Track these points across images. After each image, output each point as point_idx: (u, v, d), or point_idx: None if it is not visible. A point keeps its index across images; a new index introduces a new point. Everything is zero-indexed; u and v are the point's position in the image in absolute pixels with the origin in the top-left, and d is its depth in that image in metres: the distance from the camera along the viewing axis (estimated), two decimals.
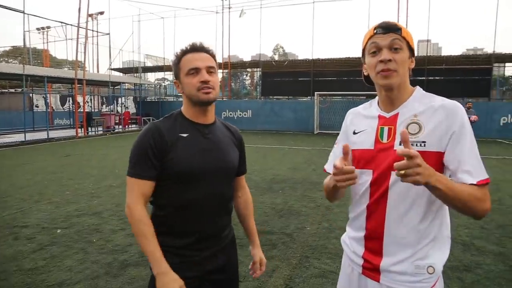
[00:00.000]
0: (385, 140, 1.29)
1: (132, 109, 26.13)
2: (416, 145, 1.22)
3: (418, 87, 1.35)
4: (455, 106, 1.24)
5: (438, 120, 1.22)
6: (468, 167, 1.18)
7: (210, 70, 1.49)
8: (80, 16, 17.92)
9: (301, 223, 4.91)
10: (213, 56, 1.54)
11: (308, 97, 22.19)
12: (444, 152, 1.22)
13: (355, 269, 1.39)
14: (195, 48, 1.50)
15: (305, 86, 22.23)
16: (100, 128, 20.12)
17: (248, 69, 39.52)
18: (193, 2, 39.77)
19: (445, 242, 1.31)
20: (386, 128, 1.30)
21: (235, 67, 28.29)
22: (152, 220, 1.50)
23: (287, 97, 24.82)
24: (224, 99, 26.31)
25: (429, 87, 20.21)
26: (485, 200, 1.17)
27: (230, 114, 22.14)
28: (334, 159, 1.44)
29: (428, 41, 24.01)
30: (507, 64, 24.34)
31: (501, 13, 19.57)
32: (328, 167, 1.49)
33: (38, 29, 29.68)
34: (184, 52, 1.51)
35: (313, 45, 37.39)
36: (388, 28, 1.26)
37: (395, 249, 1.28)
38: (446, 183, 1.11)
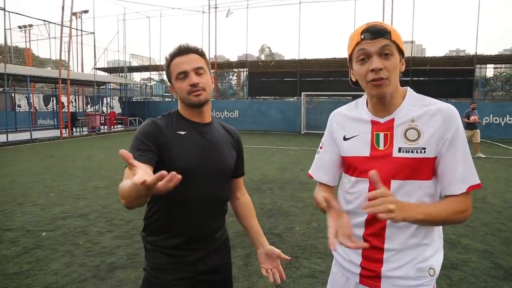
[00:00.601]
0: (381, 147, 1.24)
1: (117, 109, 25.82)
2: (417, 152, 1.18)
3: (409, 88, 1.30)
4: (452, 111, 1.20)
5: (436, 125, 1.19)
6: (462, 174, 1.17)
7: (198, 72, 1.47)
8: (64, 14, 17.65)
9: (290, 223, 4.92)
10: (202, 55, 1.51)
11: (295, 97, 22.28)
12: (436, 157, 1.20)
13: (351, 279, 1.33)
14: (182, 51, 1.48)
15: (292, 86, 22.31)
16: (85, 129, 19.83)
17: (235, 69, 39.48)
18: (179, 2, 39.55)
19: (441, 244, 1.31)
20: (382, 134, 1.24)
21: (221, 67, 28.21)
22: (145, 219, 1.49)
23: (274, 97, 24.87)
24: (211, 99, 26.22)
25: (414, 88, 20.31)
26: (465, 210, 1.19)
27: (217, 114, 22.06)
28: (320, 164, 1.42)
29: (412, 42, 24.37)
30: (488, 66, 24.91)
31: (483, 15, 20.00)
32: (315, 174, 1.44)
33: (20, 27, 29.05)
34: (172, 56, 1.49)
35: (299, 46, 37.57)
36: (377, 33, 1.17)
37: (396, 256, 1.24)
38: (424, 213, 1.11)
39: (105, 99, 25.01)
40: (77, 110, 24.97)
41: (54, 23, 21.68)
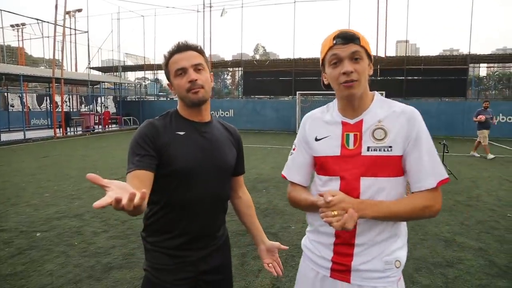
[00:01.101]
0: (351, 147, 1.31)
1: (112, 109, 25.65)
2: (384, 150, 1.27)
3: (376, 93, 1.39)
4: (414, 112, 1.30)
5: (400, 125, 1.28)
6: (428, 170, 1.25)
7: (197, 68, 1.46)
8: (58, 13, 17.52)
9: (286, 222, 4.92)
10: (201, 52, 1.50)
11: (290, 97, 22.28)
12: (403, 156, 1.28)
13: (322, 273, 1.38)
14: (180, 48, 1.47)
15: (287, 86, 22.32)
16: (79, 128, 19.69)
17: (230, 69, 39.43)
18: (173, 1, 39.39)
19: (406, 238, 1.38)
20: (351, 135, 1.32)
21: (216, 66, 28.14)
22: (145, 219, 1.48)
23: (269, 96, 24.86)
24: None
25: (408, 87, 20.64)
26: (433, 205, 1.25)
27: (212, 114, 21.98)
28: (293, 165, 1.48)
29: (406, 41, 24.47)
30: (481, 65, 25.10)
31: (476, 15, 20.14)
32: (288, 174, 1.49)
33: (12, 26, 28.80)
34: (171, 54, 1.48)
35: (294, 45, 37.64)
36: (347, 39, 1.26)
37: (366, 250, 1.30)
38: (381, 211, 1.21)
39: (99, 99, 24.84)
40: (71, 110, 24.79)
41: (48, 22, 21.52)
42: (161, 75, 31.36)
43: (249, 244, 4.10)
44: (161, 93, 35.90)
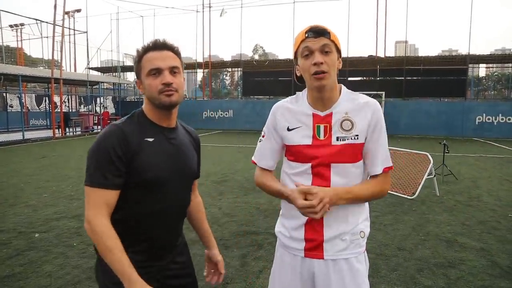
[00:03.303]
0: (322, 137, 1.43)
1: (111, 109, 25.61)
2: (352, 138, 1.41)
3: (342, 86, 1.49)
4: (376, 105, 1.45)
5: (364, 116, 1.41)
6: (380, 157, 1.43)
7: (173, 71, 1.37)
8: (56, 13, 17.46)
9: None
10: (178, 54, 1.42)
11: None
12: (363, 143, 1.43)
13: (297, 255, 1.49)
14: (157, 46, 1.37)
15: (286, 86, 22.30)
16: (78, 129, 19.63)
17: (229, 69, 39.40)
18: (173, 1, 39.36)
19: (368, 212, 1.54)
20: (322, 126, 1.43)
21: (215, 66, 28.15)
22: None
23: (268, 96, 24.85)
24: (205, 99, 26.13)
25: (408, 87, 20.63)
26: (384, 188, 1.46)
27: (211, 114, 22.00)
28: (262, 151, 1.61)
29: (405, 42, 24.46)
30: (480, 65, 25.12)
31: (475, 15, 20.14)
32: (258, 160, 1.63)
33: (11, 26, 28.77)
34: (146, 50, 1.37)
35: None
36: (318, 33, 1.37)
37: (334, 224, 1.44)
38: (348, 196, 1.38)
39: (98, 99, 24.82)
40: (70, 110, 24.70)
41: (47, 22, 21.47)
42: None
43: (250, 245, 4.07)
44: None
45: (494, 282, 3.29)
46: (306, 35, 1.38)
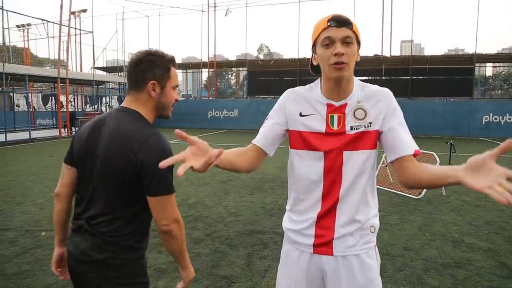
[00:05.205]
0: (335, 127, 1.40)
1: None
2: (365, 126, 1.38)
3: (355, 77, 1.46)
4: (388, 92, 1.43)
5: (377, 104, 1.39)
6: (406, 139, 1.37)
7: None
8: (63, 13, 17.56)
9: None
10: None
11: None
12: (379, 130, 1.39)
13: (305, 251, 1.46)
14: (175, 64, 1.58)
15: (291, 85, 21.58)
16: None
17: (234, 69, 39.41)
18: (178, 1, 39.41)
19: (377, 208, 1.50)
20: (336, 116, 1.40)
21: (221, 66, 28.19)
22: (129, 227, 1.48)
23: (273, 96, 24.82)
24: (210, 99, 26.16)
25: (414, 87, 20.51)
26: None
27: (216, 114, 22.01)
28: (263, 131, 1.58)
29: (411, 41, 24.33)
30: (487, 64, 24.92)
31: (482, 14, 19.98)
32: (256, 140, 1.59)
33: (18, 26, 28.96)
34: (173, 63, 1.55)
35: (299, 45, 37.41)
36: (341, 22, 1.32)
37: (345, 220, 1.41)
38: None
39: (104, 99, 24.93)
40: (76, 110, 24.84)
41: (53, 22, 21.59)
42: None
43: (255, 244, 4.06)
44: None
45: (502, 283, 3.26)
46: (329, 23, 1.33)
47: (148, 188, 1.39)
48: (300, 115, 1.46)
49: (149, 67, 1.47)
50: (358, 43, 1.37)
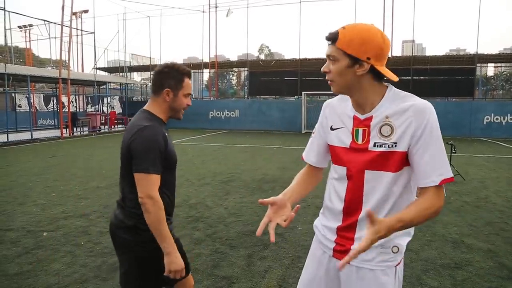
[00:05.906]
0: (360, 142, 1.36)
1: (118, 109, 25.75)
2: (388, 146, 1.30)
3: (390, 86, 1.38)
4: (424, 107, 1.27)
5: (408, 121, 1.27)
6: (431, 168, 1.25)
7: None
8: (64, 14, 17.60)
9: (292, 223, 4.86)
10: None
11: (296, 97, 22.22)
12: (407, 152, 1.29)
13: (326, 252, 1.50)
14: (190, 76, 1.91)
15: (292, 86, 22.25)
16: (85, 129, 19.77)
17: (235, 69, 39.40)
18: (179, 1, 39.46)
19: (411, 230, 1.42)
20: (360, 130, 1.36)
21: (222, 66, 28.18)
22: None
23: (274, 96, 24.83)
24: (211, 99, 26.18)
25: (415, 87, 20.47)
26: (434, 205, 1.25)
27: (218, 114, 22.03)
28: (311, 147, 1.60)
29: (413, 41, 24.30)
30: (489, 64, 24.85)
31: (483, 14, 19.94)
32: (306, 156, 1.62)
33: (20, 27, 28.99)
34: (187, 75, 1.87)
35: (300, 45, 37.42)
36: (328, 39, 1.32)
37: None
38: (400, 225, 1.19)
39: (105, 99, 24.95)
40: (78, 110, 24.89)
41: (54, 23, 21.64)
42: None
43: (255, 245, 4.08)
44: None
45: (501, 284, 3.27)
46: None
47: (133, 167, 1.73)
48: (331, 128, 1.47)
49: (166, 77, 1.83)
50: (350, 56, 1.26)
